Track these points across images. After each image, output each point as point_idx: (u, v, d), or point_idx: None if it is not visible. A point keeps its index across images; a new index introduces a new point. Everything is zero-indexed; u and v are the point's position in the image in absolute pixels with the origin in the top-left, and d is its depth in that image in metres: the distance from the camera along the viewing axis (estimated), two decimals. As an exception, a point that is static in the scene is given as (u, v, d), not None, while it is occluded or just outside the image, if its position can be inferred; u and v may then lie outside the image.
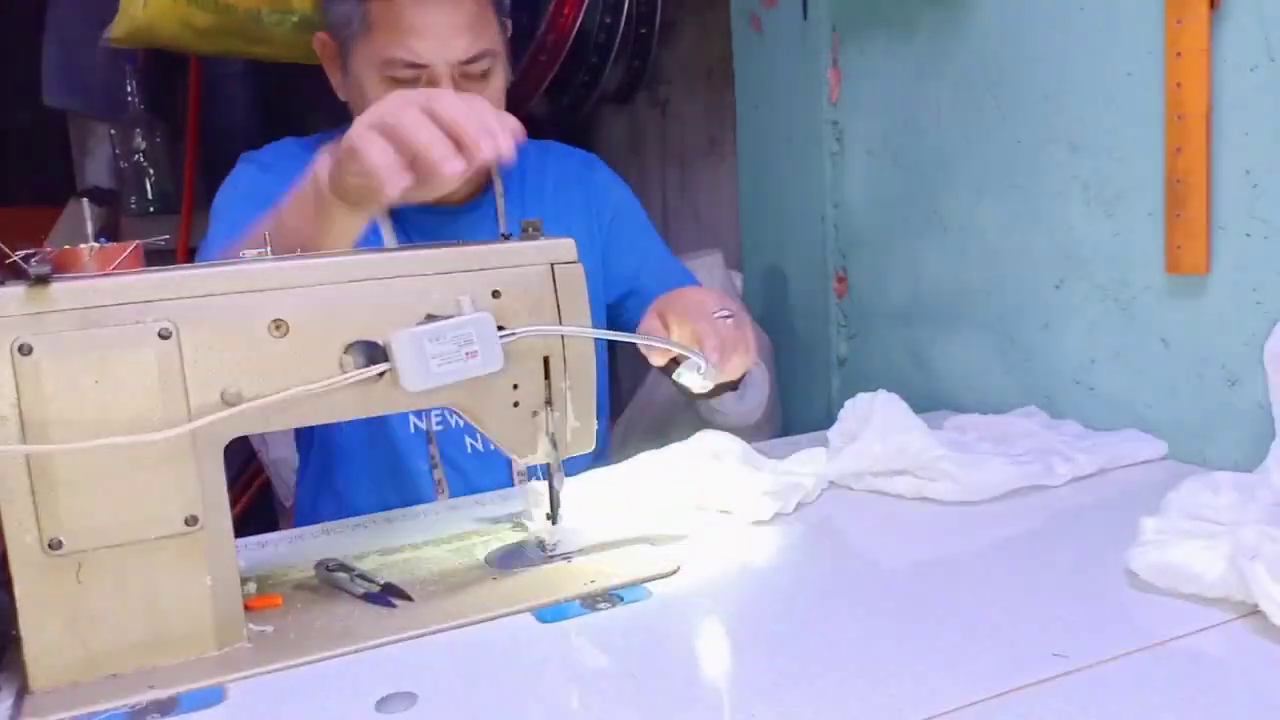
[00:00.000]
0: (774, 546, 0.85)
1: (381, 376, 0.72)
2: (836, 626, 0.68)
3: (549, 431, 0.80)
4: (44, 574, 0.64)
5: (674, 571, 0.79)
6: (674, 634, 0.69)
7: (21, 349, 0.63)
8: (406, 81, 1.06)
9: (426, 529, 0.94)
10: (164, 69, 2.47)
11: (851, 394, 1.07)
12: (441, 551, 0.87)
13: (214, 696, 0.64)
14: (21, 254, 0.66)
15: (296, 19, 1.72)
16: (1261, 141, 0.91)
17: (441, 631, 0.72)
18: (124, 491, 0.66)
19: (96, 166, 2.60)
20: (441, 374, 0.71)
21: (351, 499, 1.18)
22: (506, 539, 0.89)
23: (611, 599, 0.75)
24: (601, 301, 1.26)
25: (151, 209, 2.41)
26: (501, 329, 0.75)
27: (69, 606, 0.65)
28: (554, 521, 0.83)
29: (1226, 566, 0.67)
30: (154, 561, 0.67)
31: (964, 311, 1.28)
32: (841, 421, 1.05)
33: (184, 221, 2.30)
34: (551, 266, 0.79)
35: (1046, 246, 1.15)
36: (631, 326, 1.07)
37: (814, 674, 0.62)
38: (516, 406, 0.78)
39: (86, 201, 0.83)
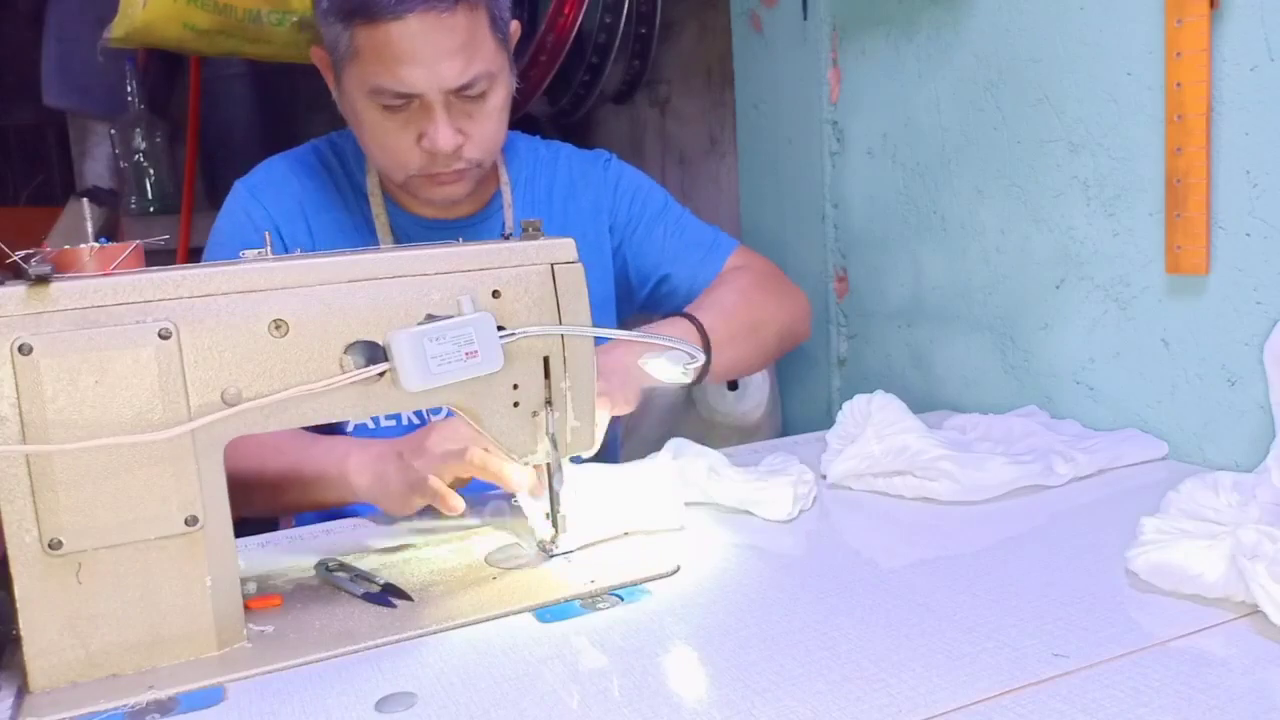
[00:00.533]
0: (774, 546, 0.85)
1: (381, 376, 0.72)
2: (836, 626, 0.68)
3: (549, 431, 0.80)
4: (44, 574, 0.65)
5: (674, 571, 0.80)
6: (674, 634, 0.69)
7: (21, 349, 0.63)
8: (398, 108, 1.02)
9: (427, 529, 0.94)
10: (164, 69, 2.47)
11: (851, 394, 1.07)
12: (441, 551, 0.87)
13: (214, 696, 0.64)
14: (21, 254, 0.66)
15: (296, 19, 1.72)
16: (1261, 141, 0.91)
17: (441, 631, 0.72)
18: (124, 491, 0.66)
19: (96, 166, 2.61)
20: (441, 374, 0.71)
21: (352, 510, 1.18)
22: (506, 539, 0.89)
23: (611, 599, 0.75)
24: (612, 301, 1.25)
25: (151, 209, 2.41)
26: (501, 329, 0.75)
27: (69, 606, 0.65)
28: (554, 522, 0.84)
29: (1226, 566, 0.67)
30: (154, 561, 0.67)
31: (964, 311, 1.28)
32: (841, 422, 1.05)
33: (184, 221, 2.30)
34: (551, 266, 0.79)
35: (1046, 246, 1.15)
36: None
37: (814, 674, 0.62)
38: (516, 406, 0.79)
39: (86, 201, 0.83)
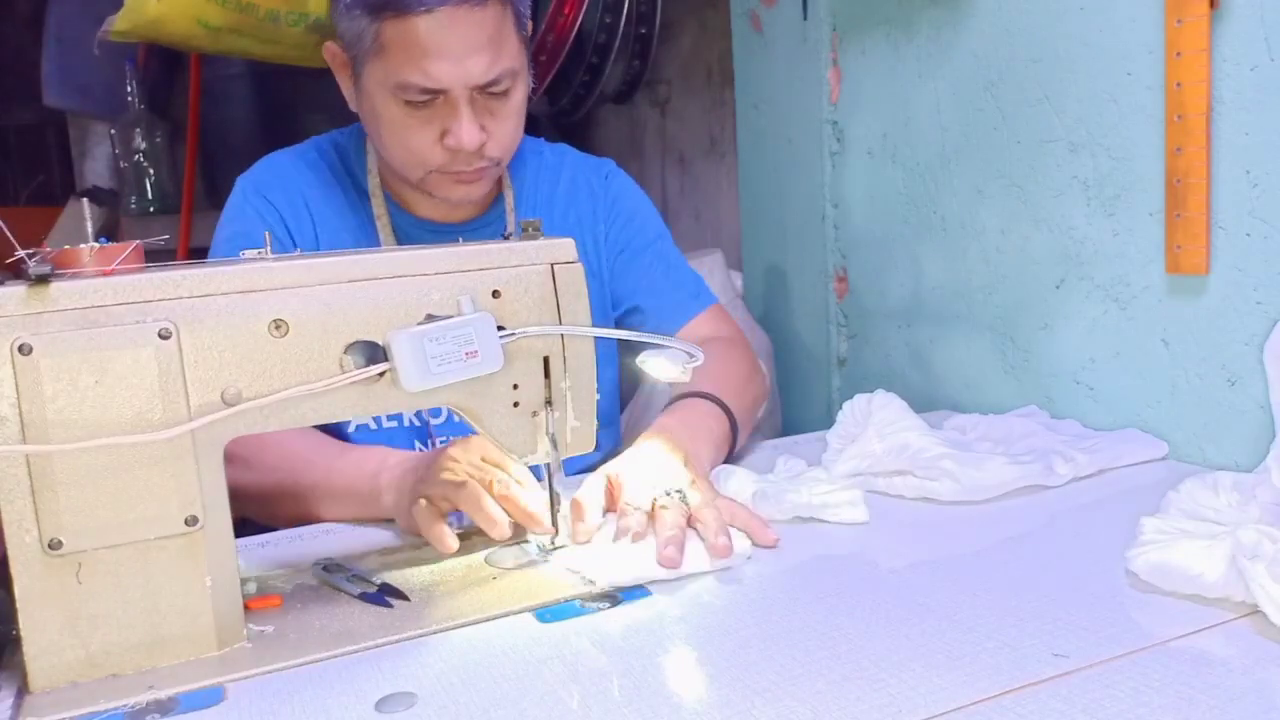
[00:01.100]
0: (773, 547, 0.85)
1: (381, 376, 0.72)
2: (836, 626, 0.68)
3: (549, 431, 0.80)
4: (44, 574, 0.64)
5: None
6: (674, 634, 0.69)
7: (21, 349, 0.63)
8: (422, 104, 1.01)
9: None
10: (164, 69, 2.47)
11: (851, 394, 1.07)
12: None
13: (214, 696, 0.64)
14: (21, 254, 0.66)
15: (311, 20, 1.72)
16: (1261, 141, 0.91)
17: (441, 631, 0.72)
18: (124, 491, 0.66)
19: (96, 166, 2.61)
20: (441, 374, 0.71)
21: None
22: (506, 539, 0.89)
23: (611, 599, 0.75)
24: (607, 311, 1.25)
25: (151, 209, 2.41)
26: (501, 329, 0.75)
27: (69, 606, 0.65)
28: (554, 522, 0.83)
29: (1226, 566, 0.67)
30: (154, 561, 0.67)
31: (964, 311, 1.28)
32: (841, 422, 1.05)
33: (184, 221, 2.30)
34: (551, 267, 0.79)
35: (1046, 246, 1.15)
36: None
37: (814, 674, 0.62)
38: (516, 406, 0.78)
39: (86, 201, 0.83)
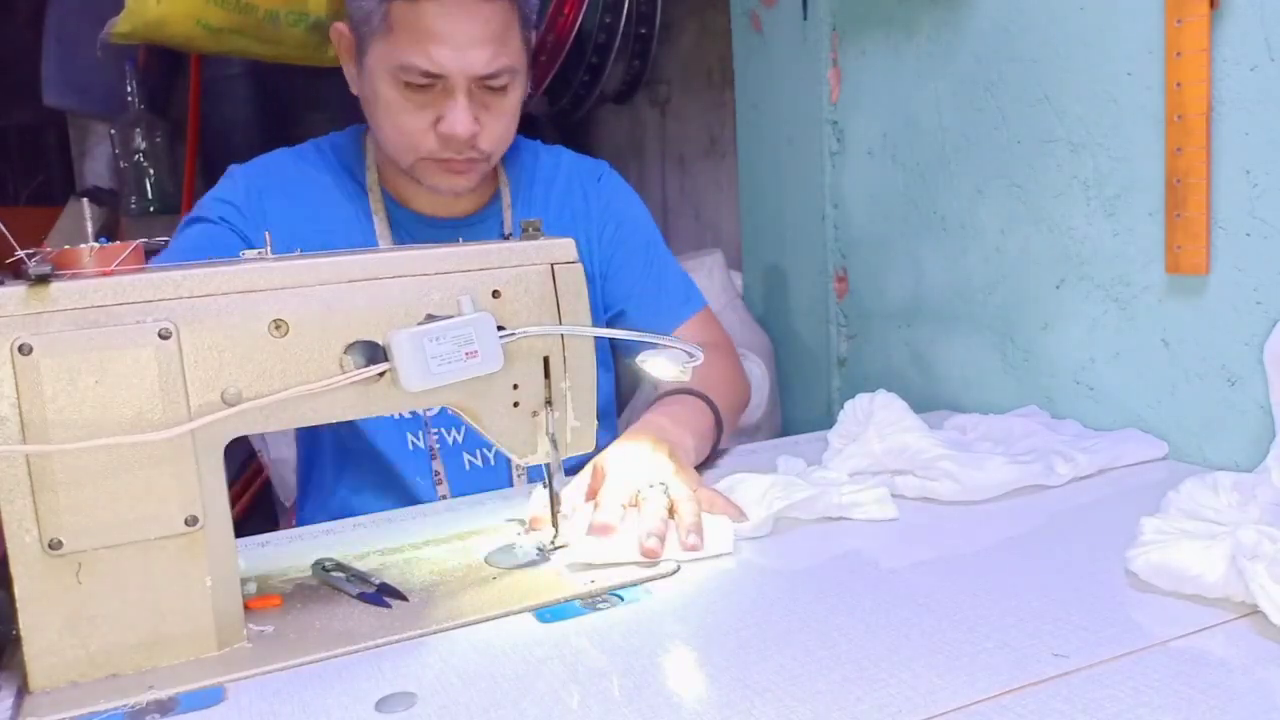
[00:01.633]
0: (774, 546, 0.85)
1: (381, 376, 0.72)
2: (836, 626, 0.68)
3: (549, 431, 0.80)
4: (44, 574, 0.64)
5: (674, 571, 0.79)
6: (674, 634, 0.69)
7: (21, 349, 0.63)
8: (421, 88, 1.02)
9: (426, 529, 0.94)
10: (164, 69, 2.47)
11: (851, 394, 1.07)
12: (441, 551, 0.87)
13: (214, 696, 0.64)
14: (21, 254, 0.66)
15: (311, 20, 1.72)
16: (1261, 141, 0.91)
17: (441, 631, 0.72)
18: (124, 491, 0.66)
19: (96, 166, 2.61)
20: (441, 374, 0.71)
21: (354, 510, 1.17)
22: (506, 539, 0.89)
23: (611, 599, 0.75)
24: (599, 313, 1.25)
25: (151, 209, 2.41)
26: (501, 329, 0.75)
27: (69, 606, 0.65)
28: (554, 522, 0.83)
29: (1226, 567, 0.67)
30: (154, 561, 0.67)
31: (964, 311, 1.28)
32: (841, 422, 1.05)
33: (184, 221, 2.30)
34: (551, 267, 0.79)
35: (1046, 246, 1.15)
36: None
37: (814, 674, 0.62)
38: (516, 406, 0.78)
39: (86, 201, 0.83)
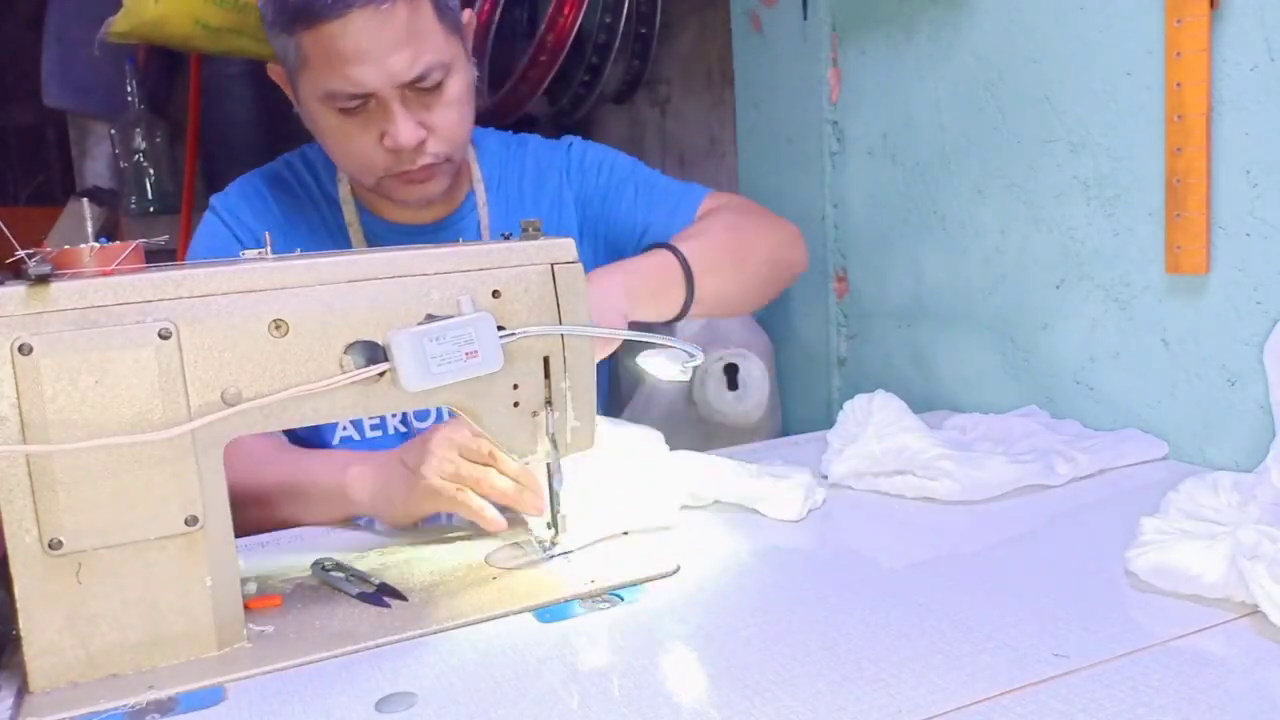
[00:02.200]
0: (774, 546, 0.85)
1: (381, 376, 0.72)
2: (836, 626, 0.68)
3: (549, 431, 0.80)
4: (44, 574, 0.64)
5: (674, 571, 0.80)
6: (674, 634, 0.69)
7: (21, 349, 0.63)
8: (354, 110, 1.01)
9: (427, 529, 0.94)
10: (164, 69, 2.47)
11: (851, 394, 1.07)
12: (441, 551, 0.87)
13: (214, 696, 0.64)
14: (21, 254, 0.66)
15: None
16: (1261, 141, 0.91)
17: (441, 631, 0.72)
18: (124, 491, 0.66)
19: (96, 166, 2.60)
20: (441, 374, 0.71)
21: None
22: (506, 539, 0.89)
23: (611, 599, 0.75)
24: (628, 252, 1.22)
25: (151, 209, 2.41)
26: (501, 329, 0.75)
27: (69, 606, 0.65)
28: (554, 522, 0.83)
29: (1226, 567, 0.67)
30: (154, 561, 0.67)
31: (964, 311, 1.28)
32: (840, 423, 1.05)
33: (184, 221, 2.30)
34: (551, 266, 0.79)
35: (1046, 246, 1.15)
36: None
37: (814, 674, 0.62)
38: (516, 406, 0.78)
39: (86, 201, 0.83)
